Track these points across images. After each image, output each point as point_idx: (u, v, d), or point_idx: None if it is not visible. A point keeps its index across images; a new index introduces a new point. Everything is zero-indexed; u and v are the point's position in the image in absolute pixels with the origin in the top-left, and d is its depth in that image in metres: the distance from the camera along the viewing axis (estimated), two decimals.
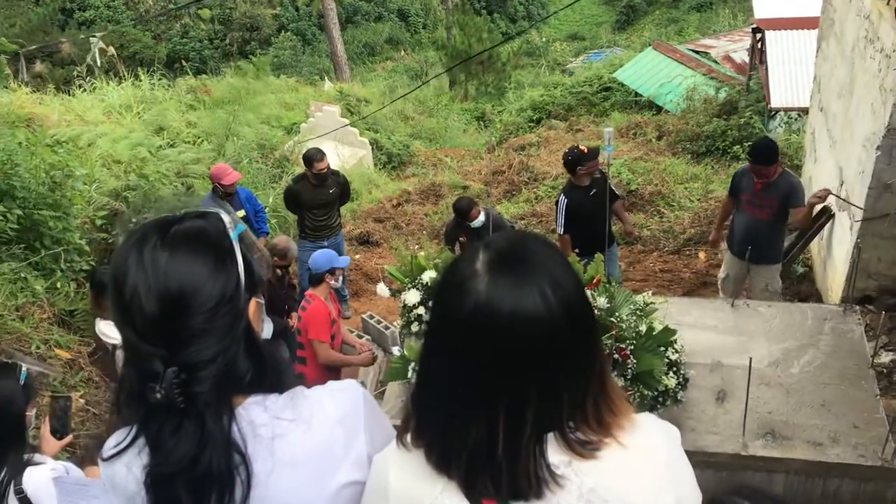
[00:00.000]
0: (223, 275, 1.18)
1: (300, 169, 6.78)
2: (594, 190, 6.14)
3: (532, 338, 1.06)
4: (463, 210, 6.54)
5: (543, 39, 32.63)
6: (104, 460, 1.22)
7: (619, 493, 1.11)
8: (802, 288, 6.82)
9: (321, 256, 5.15)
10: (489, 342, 1.07)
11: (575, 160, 6.18)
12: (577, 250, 6.00)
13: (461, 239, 6.70)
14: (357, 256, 9.14)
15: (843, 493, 4.17)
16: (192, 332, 1.13)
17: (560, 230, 6.25)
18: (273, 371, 1.26)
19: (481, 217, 6.47)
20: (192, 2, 27.32)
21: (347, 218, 10.51)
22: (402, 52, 33.63)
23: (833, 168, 6.58)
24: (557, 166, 10.56)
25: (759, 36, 12.08)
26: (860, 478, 4.10)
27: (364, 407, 1.32)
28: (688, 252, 7.70)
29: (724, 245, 6.36)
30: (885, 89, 5.29)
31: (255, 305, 1.27)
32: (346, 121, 15.10)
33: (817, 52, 7.57)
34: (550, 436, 1.12)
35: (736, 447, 4.19)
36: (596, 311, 4.38)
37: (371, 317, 6.71)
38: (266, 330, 1.34)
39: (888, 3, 5.40)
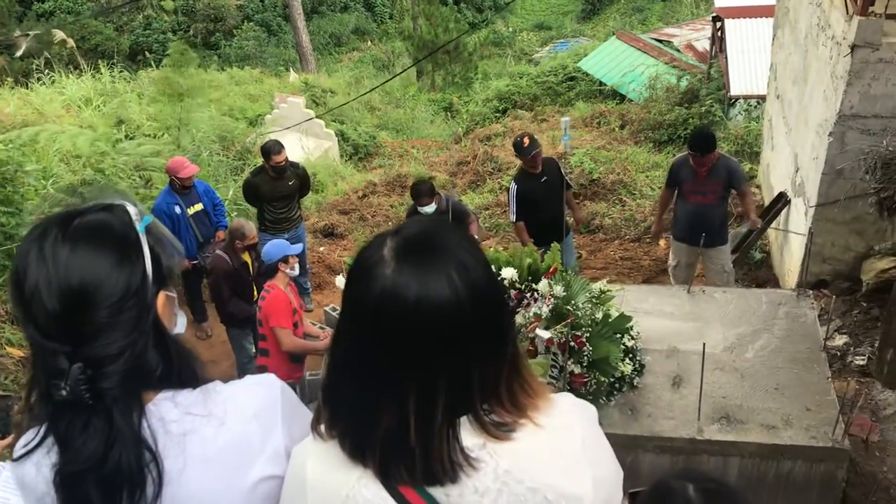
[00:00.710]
0: (127, 268, 1.15)
1: (261, 161, 6.69)
2: (545, 177, 6.18)
3: (439, 323, 1.06)
4: (414, 194, 6.46)
5: (510, 29, 32.63)
6: (14, 461, 1.19)
7: (535, 473, 1.11)
8: (760, 273, 6.91)
9: (272, 247, 5.10)
10: (396, 328, 1.06)
11: (516, 149, 6.24)
12: (532, 239, 6.02)
13: None
14: (321, 249, 9.09)
15: (797, 474, 4.24)
16: (96, 326, 1.11)
17: (513, 217, 6.30)
18: (184, 366, 1.24)
19: (431, 206, 6.42)
20: None
21: (312, 210, 10.44)
22: (369, 43, 33.39)
23: (789, 155, 6.67)
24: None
25: (719, 24, 12.19)
26: (812, 459, 4.17)
27: (281, 400, 1.30)
28: (648, 240, 7.76)
29: (666, 234, 6.44)
30: (836, 76, 5.37)
31: (164, 299, 1.24)
32: (312, 112, 14.99)
33: (773, 39, 7.66)
34: (465, 419, 1.11)
35: (691, 432, 4.24)
36: (552, 299, 4.40)
37: (334, 309, 6.67)
38: (179, 324, 1.32)
39: None
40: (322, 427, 1.18)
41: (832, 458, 4.14)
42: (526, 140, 6.13)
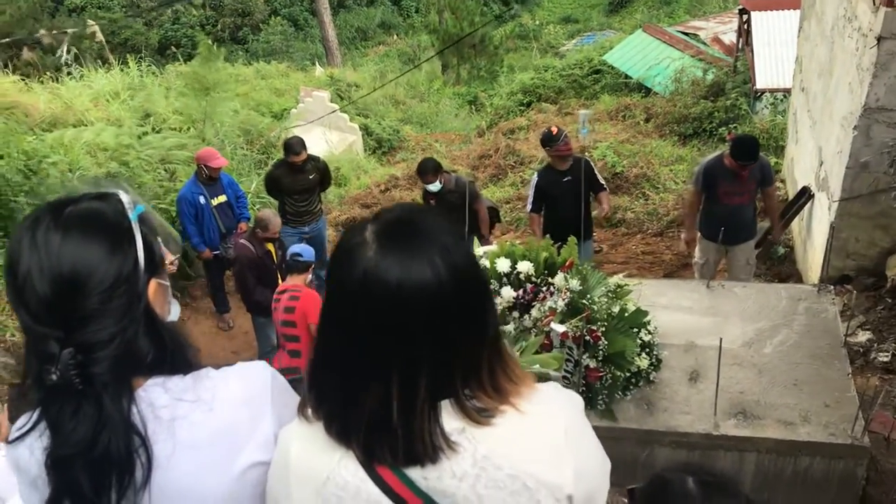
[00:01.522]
0: (119, 256, 1.17)
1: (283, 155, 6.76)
2: (569, 177, 6.08)
3: (421, 305, 1.07)
4: (419, 171, 6.53)
5: (537, 22, 32.46)
6: (9, 443, 1.22)
7: (514, 460, 1.12)
8: (783, 268, 6.83)
9: (311, 250, 5.29)
10: (378, 311, 1.07)
11: (544, 140, 6.17)
12: (548, 234, 5.98)
13: (431, 201, 6.72)
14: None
15: (815, 471, 4.20)
16: (87, 313, 1.13)
17: (528, 207, 6.27)
18: (176, 353, 1.26)
19: (437, 183, 6.45)
20: None
21: (334, 204, 10.50)
22: (395, 37, 33.46)
23: (813, 148, 6.57)
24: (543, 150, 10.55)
25: (745, 17, 12.03)
26: (831, 456, 4.12)
27: (272, 387, 1.32)
28: (671, 234, 7.70)
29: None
30: (861, 68, 5.28)
31: (155, 286, 1.26)
32: (336, 107, 15.04)
33: (799, 32, 7.54)
34: (446, 403, 1.12)
35: (707, 427, 4.21)
36: (568, 293, 4.39)
37: None
38: (173, 311, 1.34)
39: None
40: (308, 410, 1.19)
41: (851, 456, 4.09)
42: (554, 129, 6.07)
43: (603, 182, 6.32)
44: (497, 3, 35.21)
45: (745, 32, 12.15)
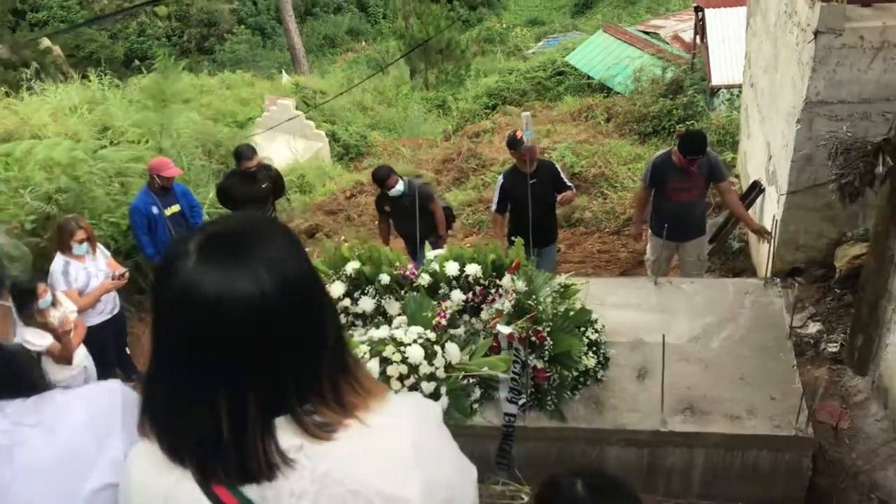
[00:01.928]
0: None
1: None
2: (535, 179, 6.03)
3: (244, 319, 1.04)
4: (380, 178, 6.55)
5: (504, 26, 32.57)
6: None
7: (357, 475, 1.09)
8: (738, 263, 6.89)
9: None
10: (198, 325, 1.04)
11: (510, 143, 6.16)
12: (513, 237, 5.98)
13: (386, 208, 6.71)
14: (307, 250, 9.08)
15: (762, 464, 4.22)
16: None
17: (493, 207, 6.27)
18: (16, 376, 1.22)
19: (399, 186, 6.47)
20: (147, 1, 26.92)
21: (297, 211, 10.45)
22: (363, 43, 33.42)
23: (762, 143, 6.64)
24: (505, 152, 10.57)
25: (700, 14, 12.15)
26: (777, 448, 4.15)
27: (122, 407, 1.28)
28: (627, 232, 7.74)
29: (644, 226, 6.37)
30: (802, 63, 5.34)
31: None
32: (300, 113, 14.98)
33: (747, 28, 7.62)
34: (283, 419, 1.10)
35: (655, 424, 4.22)
36: (514, 294, 4.39)
37: None
38: (17, 333, 1.31)
39: None
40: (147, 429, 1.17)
41: (797, 447, 4.12)
42: (519, 133, 6.04)
43: (569, 183, 6.31)
44: (464, 6, 35.31)
45: (700, 30, 12.27)
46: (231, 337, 1.04)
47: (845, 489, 4.40)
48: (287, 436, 1.09)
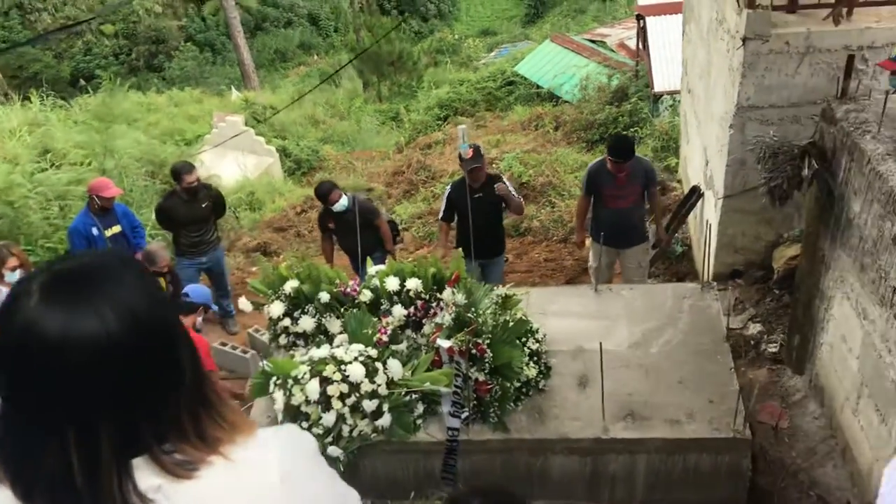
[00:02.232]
0: None
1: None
2: (480, 194, 6.02)
3: (88, 360, 1.01)
4: (322, 194, 6.52)
5: (456, 37, 32.73)
6: None
7: None
8: (681, 267, 6.98)
9: (202, 290, 5.16)
10: (44, 366, 1.01)
11: (460, 158, 6.13)
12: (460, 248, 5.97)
13: (330, 225, 6.67)
14: (254, 269, 8.98)
15: (703, 466, 4.27)
16: None
17: (440, 215, 6.32)
18: None
19: (343, 201, 6.44)
20: (91, 18, 26.53)
21: (245, 230, 10.33)
22: (315, 57, 33.29)
23: (700, 148, 6.75)
24: (455, 163, 10.59)
25: (642, 22, 12.35)
26: (716, 450, 4.21)
27: None
28: (573, 240, 7.80)
29: (588, 235, 6.44)
30: (732, 69, 5.44)
31: None
32: (248, 128, 14.85)
33: (683, 35, 7.75)
34: (142, 459, 1.07)
35: (597, 431, 4.25)
36: (454, 307, 4.38)
37: (257, 331, 6.59)
38: None
39: None
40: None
41: (735, 449, 4.18)
42: (470, 152, 5.97)
43: (518, 197, 6.31)
44: (416, 18, 35.44)
45: (643, 37, 12.47)
46: (77, 378, 1.01)
47: (786, 487, 4.46)
48: (145, 476, 1.06)
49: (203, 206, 6.52)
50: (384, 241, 6.74)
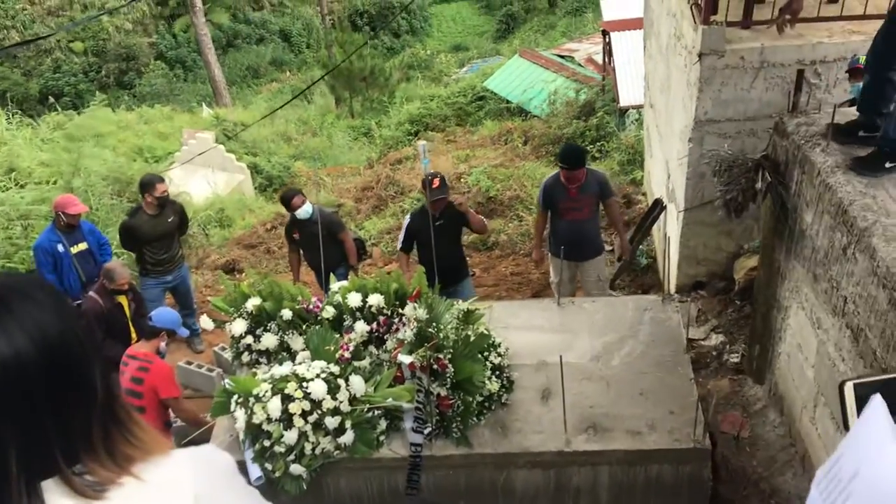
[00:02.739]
0: None
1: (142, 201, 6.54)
2: (441, 221, 5.95)
3: None
4: (285, 199, 6.55)
5: (428, 52, 32.88)
6: None
7: None
8: (646, 279, 7.04)
9: (167, 314, 5.04)
10: None
11: (423, 185, 6.08)
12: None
13: (294, 235, 6.65)
14: (222, 287, 8.91)
15: (665, 477, 4.30)
16: None
17: (398, 245, 6.28)
18: None
19: (307, 207, 6.44)
20: (53, 33, 26.30)
21: (214, 247, 10.27)
22: (288, 73, 33.28)
23: (662, 161, 6.83)
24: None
25: (607, 38, 12.51)
26: (677, 461, 4.24)
27: None
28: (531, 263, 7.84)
29: (546, 251, 6.46)
30: (690, 83, 5.53)
31: None
32: (218, 145, 14.79)
33: (644, 50, 7.87)
34: (51, 481, 1.07)
35: (559, 444, 4.26)
36: (416, 322, 4.39)
37: (223, 349, 6.54)
38: None
39: (689, 2, 5.65)
40: None
41: (696, 459, 4.22)
42: (436, 182, 5.88)
43: (481, 219, 6.29)
44: (388, 35, 35.56)
45: (608, 53, 12.62)
46: None
47: (747, 496, 4.50)
48: (54, 498, 1.05)
49: (169, 220, 6.48)
50: (348, 255, 6.72)
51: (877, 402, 1.58)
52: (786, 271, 4.46)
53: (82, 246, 6.42)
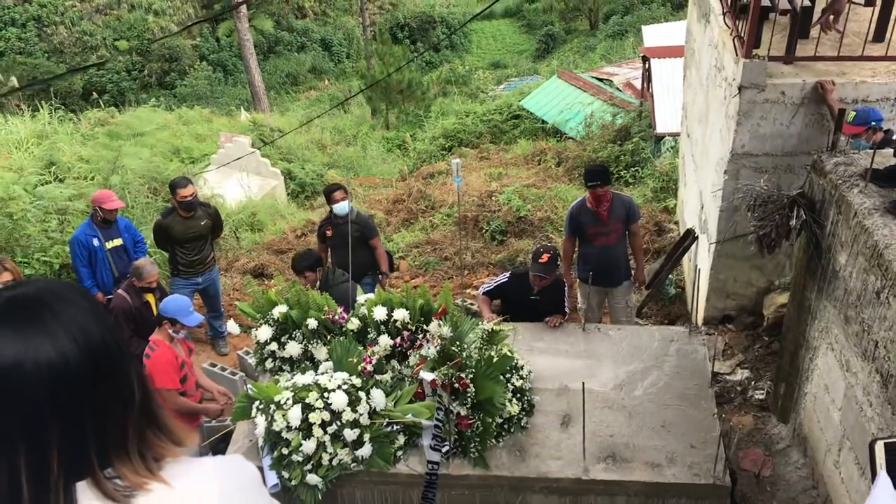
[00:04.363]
0: None
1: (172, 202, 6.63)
2: (537, 297, 5.42)
3: (44, 386, 1.03)
4: (328, 191, 6.58)
5: (466, 68, 33.01)
6: None
7: None
8: (674, 309, 6.98)
9: (172, 302, 4.90)
10: None
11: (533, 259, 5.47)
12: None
13: (327, 232, 6.65)
14: (250, 291, 8.99)
15: None
16: None
17: (483, 290, 5.77)
18: None
19: (344, 204, 6.43)
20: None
21: (244, 251, 10.36)
22: (326, 82, 33.60)
23: (696, 192, 6.79)
24: (453, 194, 10.64)
25: (647, 64, 12.47)
26: (695, 496, 4.18)
27: None
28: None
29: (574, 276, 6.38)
30: (729, 116, 5.50)
31: None
32: (254, 150, 14.96)
33: (684, 79, 7.83)
34: (83, 484, 1.09)
35: (577, 472, 4.23)
36: (439, 339, 4.39)
37: (247, 353, 6.59)
38: None
39: (731, 34, 5.63)
40: None
41: (715, 495, 4.16)
42: (545, 257, 5.27)
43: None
44: (428, 50, 35.78)
45: (647, 78, 12.59)
46: (31, 402, 1.03)
47: None
48: (84, 500, 1.08)
49: (202, 223, 6.55)
50: (379, 262, 6.72)
51: (883, 480, 1.57)
52: (816, 311, 4.40)
53: (117, 241, 6.51)
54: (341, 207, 6.44)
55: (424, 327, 4.68)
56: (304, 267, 5.83)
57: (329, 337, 4.77)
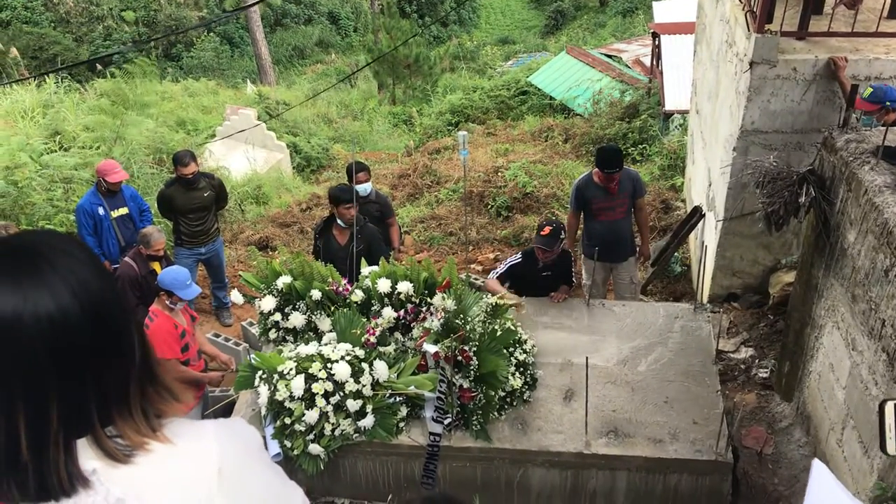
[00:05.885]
0: None
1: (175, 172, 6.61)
2: (549, 273, 5.40)
3: (43, 338, 1.00)
4: (351, 170, 6.32)
5: (474, 43, 32.74)
6: None
7: (153, 500, 1.07)
8: (679, 287, 6.95)
9: (170, 274, 4.86)
10: None
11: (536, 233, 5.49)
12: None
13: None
14: (254, 262, 8.98)
15: (683, 487, 4.25)
16: None
17: (494, 275, 5.55)
18: None
19: (367, 186, 6.36)
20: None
21: (249, 223, 10.35)
22: (333, 55, 33.37)
23: (704, 169, 6.73)
24: (459, 169, 10.60)
25: (657, 40, 12.33)
26: (697, 472, 4.19)
27: None
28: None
29: (578, 252, 6.33)
30: (739, 92, 5.43)
31: None
32: (259, 122, 14.89)
33: (694, 56, 7.74)
34: (83, 441, 1.07)
35: (579, 446, 4.24)
36: (443, 312, 4.38)
37: (251, 324, 6.59)
38: None
39: (743, 9, 5.55)
40: None
41: (716, 471, 4.16)
42: (546, 230, 5.26)
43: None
44: (435, 24, 35.48)
45: (657, 55, 12.45)
46: (31, 355, 1.01)
47: None
48: (84, 458, 1.06)
49: (205, 194, 6.53)
50: (392, 239, 6.72)
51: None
52: (823, 289, 4.37)
53: (123, 210, 6.51)
54: (364, 189, 6.39)
55: (428, 300, 4.67)
56: (348, 199, 5.75)
57: (333, 308, 4.76)
